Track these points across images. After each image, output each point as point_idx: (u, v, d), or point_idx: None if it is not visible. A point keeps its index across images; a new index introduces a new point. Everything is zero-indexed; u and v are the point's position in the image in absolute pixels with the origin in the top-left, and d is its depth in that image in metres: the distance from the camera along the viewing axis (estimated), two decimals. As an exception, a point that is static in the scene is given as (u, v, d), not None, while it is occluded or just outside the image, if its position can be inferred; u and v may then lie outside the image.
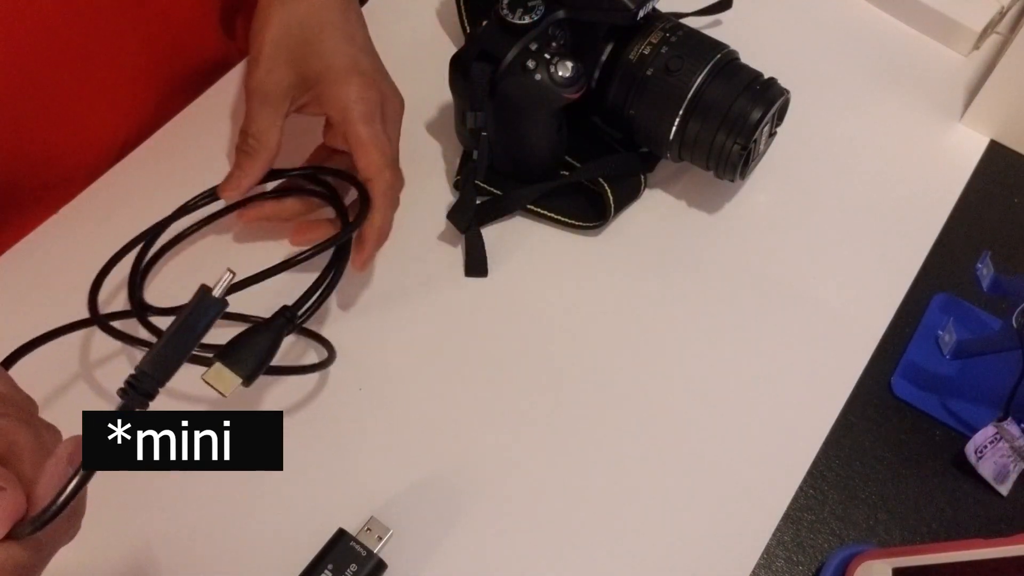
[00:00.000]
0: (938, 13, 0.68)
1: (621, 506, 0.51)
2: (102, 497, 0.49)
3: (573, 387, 0.54)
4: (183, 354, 0.35)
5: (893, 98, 0.67)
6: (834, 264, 0.59)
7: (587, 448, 0.52)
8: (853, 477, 0.52)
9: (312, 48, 0.53)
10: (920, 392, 0.55)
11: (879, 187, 0.62)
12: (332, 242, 0.50)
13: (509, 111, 0.55)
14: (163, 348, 0.34)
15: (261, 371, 0.44)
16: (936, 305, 0.58)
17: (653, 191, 0.61)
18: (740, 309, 0.57)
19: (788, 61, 0.59)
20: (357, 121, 0.52)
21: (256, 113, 0.53)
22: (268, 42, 0.53)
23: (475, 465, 0.51)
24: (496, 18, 0.54)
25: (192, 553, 0.48)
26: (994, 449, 0.51)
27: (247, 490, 0.50)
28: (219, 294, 0.35)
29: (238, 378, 0.43)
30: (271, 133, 0.53)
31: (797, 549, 0.50)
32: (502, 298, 0.57)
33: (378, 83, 0.54)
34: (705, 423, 0.53)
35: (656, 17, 0.57)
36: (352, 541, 0.47)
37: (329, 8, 0.54)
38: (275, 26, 0.53)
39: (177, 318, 0.35)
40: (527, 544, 0.49)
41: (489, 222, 0.59)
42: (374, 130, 0.52)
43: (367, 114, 0.52)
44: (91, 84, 0.59)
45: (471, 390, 0.54)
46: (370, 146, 0.52)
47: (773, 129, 0.59)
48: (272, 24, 0.53)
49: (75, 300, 0.51)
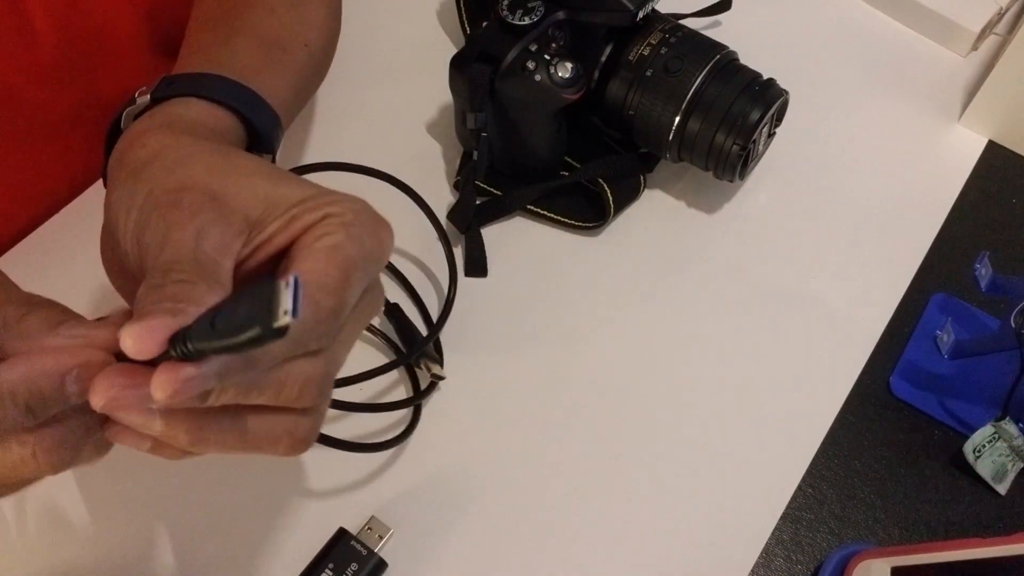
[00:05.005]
0: (936, 14, 0.69)
1: (620, 505, 0.51)
2: (102, 497, 0.49)
3: (572, 386, 0.54)
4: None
5: (891, 99, 0.67)
6: (833, 264, 0.59)
7: (586, 447, 0.52)
8: (852, 476, 0.52)
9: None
10: (918, 392, 0.55)
11: (877, 187, 0.63)
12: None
13: (509, 112, 0.55)
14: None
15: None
16: (934, 305, 0.58)
17: (653, 191, 0.62)
18: (739, 309, 0.57)
19: (787, 62, 0.59)
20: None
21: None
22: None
23: (476, 464, 0.51)
24: (496, 19, 0.54)
25: (192, 553, 0.48)
26: (992, 448, 0.51)
27: (248, 490, 0.50)
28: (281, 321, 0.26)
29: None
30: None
31: (796, 548, 0.50)
32: (502, 298, 0.57)
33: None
34: (704, 422, 0.53)
35: (655, 18, 0.57)
36: (353, 540, 0.47)
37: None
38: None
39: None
40: (527, 543, 0.49)
41: (489, 222, 0.59)
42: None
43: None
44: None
45: (470, 390, 0.54)
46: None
47: (772, 129, 0.59)
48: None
49: (79, 300, 0.51)
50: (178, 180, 0.35)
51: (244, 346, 0.26)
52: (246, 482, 0.50)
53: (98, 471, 0.49)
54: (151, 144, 0.37)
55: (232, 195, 0.34)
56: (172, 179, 0.35)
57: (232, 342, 0.27)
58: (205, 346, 0.28)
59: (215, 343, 0.27)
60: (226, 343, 0.27)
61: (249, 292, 0.27)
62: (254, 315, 0.26)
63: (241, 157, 0.38)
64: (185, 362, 0.28)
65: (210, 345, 0.28)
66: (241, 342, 0.26)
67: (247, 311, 0.26)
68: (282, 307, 0.26)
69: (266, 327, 0.26)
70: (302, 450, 0.34)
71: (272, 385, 0.32)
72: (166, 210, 0.34)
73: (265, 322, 0.26)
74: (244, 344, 0.26)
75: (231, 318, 0.27)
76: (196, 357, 0.28)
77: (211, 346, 0.28)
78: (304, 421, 0.34)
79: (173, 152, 0.37)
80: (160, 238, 0.33)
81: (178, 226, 0.33)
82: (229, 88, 0.43)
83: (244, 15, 0.51)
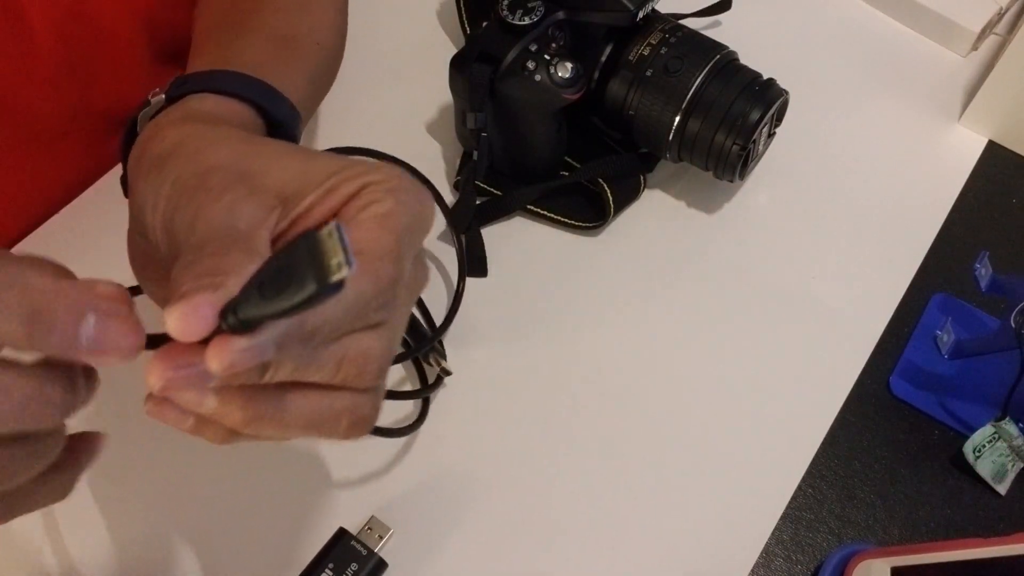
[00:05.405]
0: (936, 14, 0.69)
1: (620, 505, 0.51)
2: (102, 497, 0.49)
3: (571, 386, 0.54)
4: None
5: (891, 99, 0.67)
6: (833, 264, 0.59)
7: (585, 447, 0.52)
8: (852, 476, 0.52)
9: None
10: (918, 392, 0.55)
11: (877, 187, 0.63)
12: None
13: (509, 112, 0.55)
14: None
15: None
16: (934, 305, 0.58)
17: (653, 191, 0.62)
18: (739, 309, 0.57)
19: (787, 62, 0.59)
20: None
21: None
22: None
23: (476, 464, 0.51)
24: (496, 19, 0.54)
25: (192, 553, 0.48)
26: (992, 448, 0.51)
27: (248, 490, 0.50)
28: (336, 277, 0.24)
29: None
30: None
31: (796, 548, 0.50)
32: (502, 298, 0.57)
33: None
34: (704, 422, 0.53)
35: (655, 18, 0.57)
36: (353, 540, 0.47)
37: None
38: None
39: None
40: (527, 543, 0.49)
41: (489, 222, 0.59)
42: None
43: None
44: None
45: (469, 389, 0.54)
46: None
47: (772, 129, 0.59)
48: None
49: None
50: (204, 164, 0.34)
51: (300, 307, 0.25)
52: (246, 482, 0.50)
53: (98, 471, 0.49)
54: (171, 136, 0.36)
55: (262, 173, 0.33)
56: (197, 164, 0.34)
57: (286, 305, 0.25)
58: (257, 314, 0.26)
59: (267, 309, 0.25)
60: (280, 307, 0.25)
61: (289, 252, 0.25)
62: (305, 273, 0.24)
63: (265, 140, 0.37)
64: (238, 334, 0.27)
65: (262, 312, 0.25)
66: (297, 303, 0.24)
67: (296, 270, 0.24)
68: (334, 259, 0.24)
69: (322, 283, 0.24)
70: (363, 431, 0.33)
71: (331, 361, 0.30)
72: (194, 193, 0.33)
73: (320, 277, 0.24)
74: (300, 305, 0.25)
75: (279, 281, 0.25)
76: (249, 328, 0.26)
77: (264, 313, 0.25)
78: (365, 400, 0.32)
79: (195, 140, 0.36)
80: (190, 219, 0.32)
81: (208, 205, 0.32)
82: (243, 81, 0.42)
83: (252, 16, 0.50)
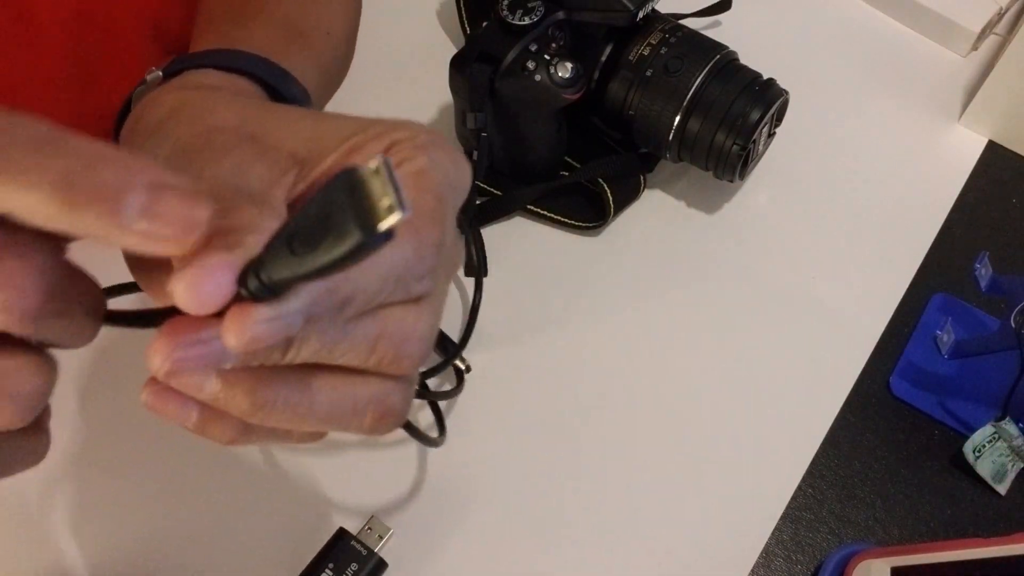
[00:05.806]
0: (936, 14, 0.69)
1: (620, 505, 0.51)
2: (101, 496, 0.49)
3: (571, 387, 0.54)
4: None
5: (891, 99, 0.67)
6: (833, 264, 0.59)
7: (585, 446, 0.52)
8: (852, 476, 0.52)
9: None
10: (918, 392, 0.55)
11: (877, 187, 0.63)
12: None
13: (509, 112, 0.55)
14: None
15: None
16: (934, 305, 0.58)
17: (653, 191, 0.62)
18: (739, 309, 0.57)
19: (787, 62, 0.59)
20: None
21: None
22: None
23: (476, 464, 0.51)
24: (496, 19, 0.54)
25: (192, 553, 0.48)
26: (992, 448, 0.51)
27: (248, 490, 0.50)
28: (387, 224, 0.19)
29: None
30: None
31: (796, 548, 0.50)
32: (502, 298, 0.57)
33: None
34: (704, 422, 0.53)
35: (655, 18, 0.57)
36: (353, 540, 0.47)
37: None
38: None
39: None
40: (528, 543, 0.49)
41: (489, 222, 0.59)
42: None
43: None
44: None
45: (469, 389, 0.54)
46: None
47: (772, 129, 0.59)
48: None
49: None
50: (206, 125, 0.29)
51: (342, 263, 0.20)
52: (246, 482, 0.50)
53: (98, 471, 0.49)
54: (168, 101, 0.32)
55: (272, 135, 0.29)
56: (200, 125, 0.29)
57: (325, 260, 0.20)
58: (288, 275, 0.21)
59: (301, 268, 0.20)
60: (317, 263, 0.20)
61: (325, 196, 0.20)
62: (346, 219, 0.19)
63: (275, 104, 0.33)
64: (261, 302, 0.22)
65: (295, 272, 0.21)
66: (338, 258, 0.20)
67: (334, 218, 0.20)
68: (384, 200, 0.19)
69: (368, 231, 0.19)
70: (390, 427, 0.28)
71: (365, 339, 0.25)
72: (196, 154, 0.28)
73: (366, 224, 0.19)
74: (342, 260, 0.20)
75: (314, 232, 0.20)
76: (275, 293, 0.22)
77: (297, 272, 0.21)
78: (395, 390, 0.27)
79: (196, 103, 0.31)
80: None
81: (213, 164, 0.27)
82: (248, 58, 0.37)
83: (257, 3, 0.46)
